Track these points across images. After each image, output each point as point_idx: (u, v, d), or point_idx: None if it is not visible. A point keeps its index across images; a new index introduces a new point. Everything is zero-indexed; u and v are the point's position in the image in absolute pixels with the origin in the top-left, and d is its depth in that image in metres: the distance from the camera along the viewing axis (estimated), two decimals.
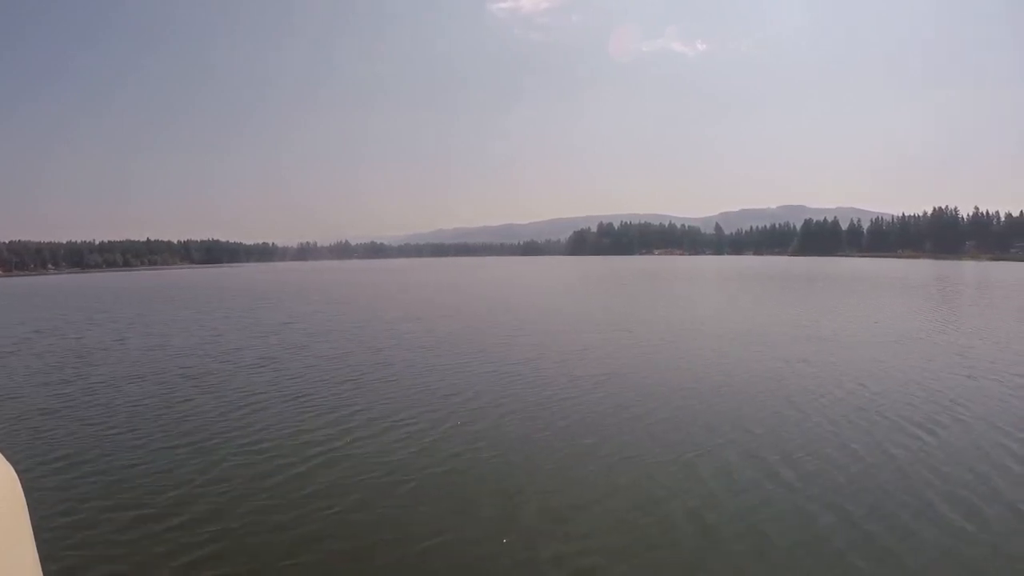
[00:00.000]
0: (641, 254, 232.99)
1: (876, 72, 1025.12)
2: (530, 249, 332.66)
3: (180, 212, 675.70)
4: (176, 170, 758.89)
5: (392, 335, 18.12)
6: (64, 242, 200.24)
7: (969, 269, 73.97)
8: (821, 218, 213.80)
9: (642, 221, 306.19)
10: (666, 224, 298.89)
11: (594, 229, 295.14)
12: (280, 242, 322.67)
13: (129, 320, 25.05)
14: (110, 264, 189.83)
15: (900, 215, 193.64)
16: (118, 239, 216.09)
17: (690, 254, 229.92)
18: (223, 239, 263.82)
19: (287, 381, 12.07)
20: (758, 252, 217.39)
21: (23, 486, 0.65)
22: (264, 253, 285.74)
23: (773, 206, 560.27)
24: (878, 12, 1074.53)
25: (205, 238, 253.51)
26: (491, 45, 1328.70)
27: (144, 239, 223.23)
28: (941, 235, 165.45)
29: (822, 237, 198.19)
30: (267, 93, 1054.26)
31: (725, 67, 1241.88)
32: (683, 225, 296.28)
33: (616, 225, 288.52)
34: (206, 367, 13.75)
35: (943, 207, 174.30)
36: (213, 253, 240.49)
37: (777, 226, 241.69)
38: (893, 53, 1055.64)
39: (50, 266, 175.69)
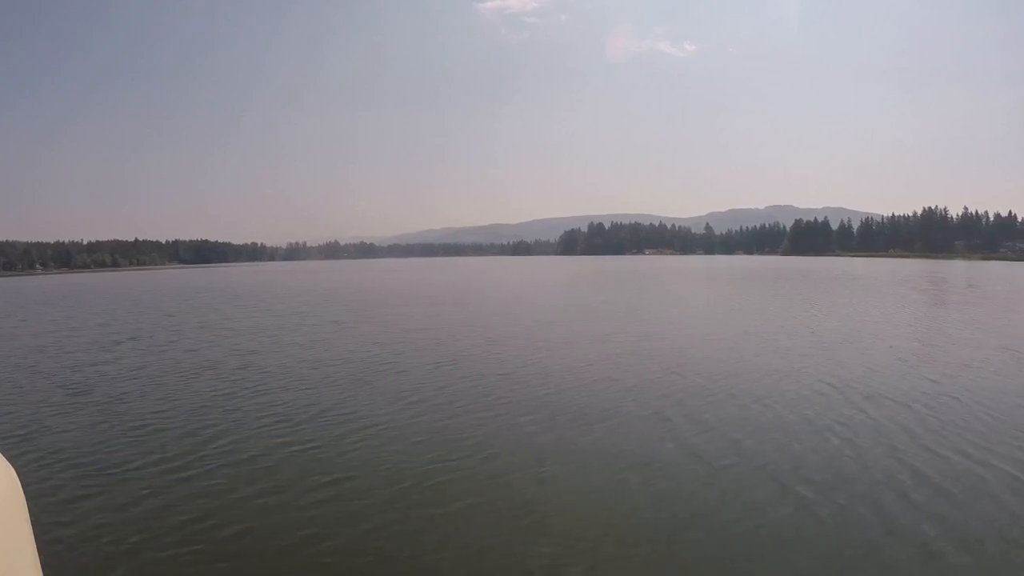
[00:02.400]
0: (632, 254, 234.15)
1: (864, 73, 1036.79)
2: (520, 249, 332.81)
3: (170, 212, 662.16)
4: (167, 169, 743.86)
5: (613, 340, 16.42)
6: (52, 242, 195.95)
7: (976, 268, 75.51)
8: (811, 218, 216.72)
9: (631, 221, 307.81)
10: (656, 224, 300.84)
11: (583, 229, 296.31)
12: (269, 242, 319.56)
13: (223, 325, 22.72)
14: (99, 264, 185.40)
15: (889, 215, 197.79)
16: (106, 239, 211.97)
17: (681, 254, 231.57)
18: (212, 239, 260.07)
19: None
20: (748, 252, 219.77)
21: (23, 486, 0.65)
22: (253, 253, 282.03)
23: (761, 206, 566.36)
24: (866, 13, 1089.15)
25: (194, 238, 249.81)
26: (479, 45, 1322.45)
27: (132, 239, 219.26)
28: (931, 235, 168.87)
29: (812, 237, 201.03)
30: (258, 92, 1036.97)
31: (713, 68, 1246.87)
32: (673, 225, 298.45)
33: (606, 225, 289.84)
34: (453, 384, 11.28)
35: (933, 207, 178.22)
36: (202, 253, 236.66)
37: (767, 226, 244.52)
38: (881, 54, 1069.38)
39: (38, 266, 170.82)
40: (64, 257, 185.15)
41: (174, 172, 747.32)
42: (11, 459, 0.62)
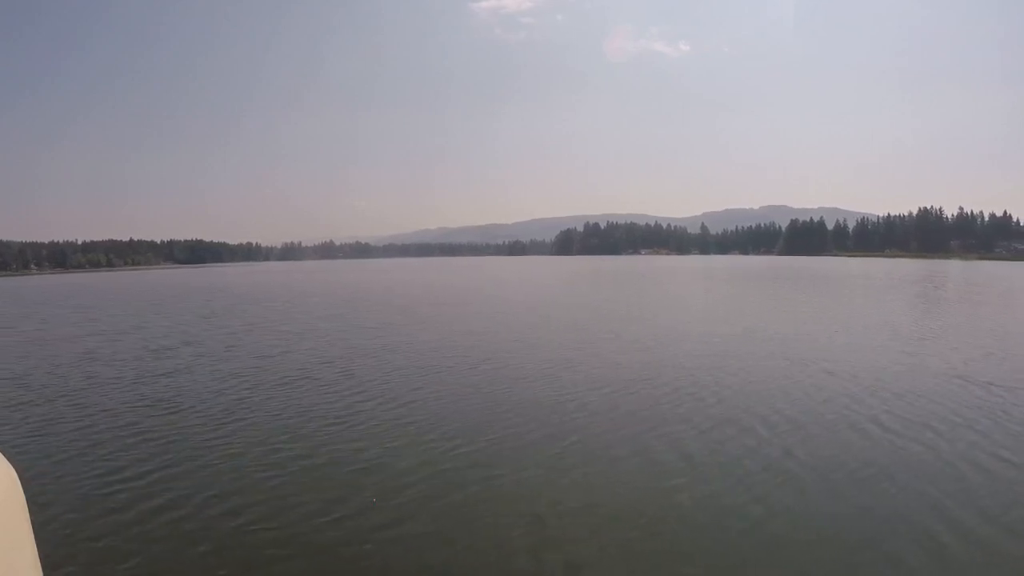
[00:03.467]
0: (628, 254, 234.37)
1: (864, 73, 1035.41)
2: (516, 249, 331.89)
3: (168, 212, 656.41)
4: (166, 169, 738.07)
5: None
6: (46, 242, 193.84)
7: (976, 268, 76.24)
8: (806, 218, 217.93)
9: (627, 221, 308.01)
10: (651, 224, 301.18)
11: (578, 228, 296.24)
12: (266, 242, 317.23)
13: (275, 328, 21.57)
14: (93, 264, 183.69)
15: (884, 215, 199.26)
16: (103, 239, 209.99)
17: (677, 254, 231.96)
18: (209, 239, 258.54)
19: None
20: (744, 252, 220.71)
21: (23, 486, 0.65)
22: (249, 253, 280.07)
23: (756, 206, 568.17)
24: (865, 13, 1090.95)
25: (189, 238, 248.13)
26: (476, 45, 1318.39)
27: (127, 239, 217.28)
28: (926, 235, 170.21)
29: (808, 236, 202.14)
30: (258, 92, 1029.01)
31: (712, 68, 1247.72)
32: (669, 225, 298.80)
33: (602, 225, 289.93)
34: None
35: (928, 207, 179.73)
36: (197, 253, 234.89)
37: (762, 226, 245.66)
38: (881, 54, 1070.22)
39: (33, 266, 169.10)
40: (59, 257, 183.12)
41: (173, 172, 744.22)
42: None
